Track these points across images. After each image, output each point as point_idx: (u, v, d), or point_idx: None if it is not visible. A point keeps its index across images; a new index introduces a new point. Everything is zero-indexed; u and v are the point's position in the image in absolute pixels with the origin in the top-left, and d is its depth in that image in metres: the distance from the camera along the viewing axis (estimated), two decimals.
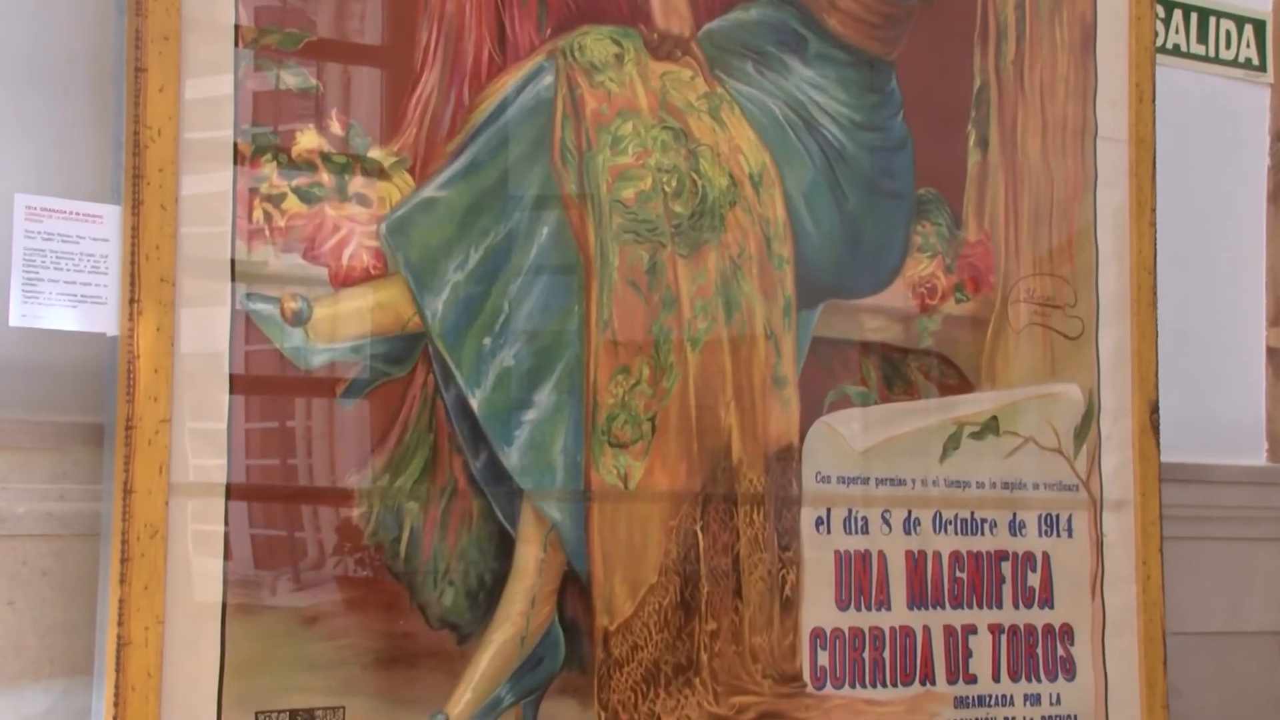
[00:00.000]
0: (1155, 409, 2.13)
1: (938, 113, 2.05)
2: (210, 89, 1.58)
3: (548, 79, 1.78)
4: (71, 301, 1.51)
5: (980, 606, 2.01)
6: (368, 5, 1.71)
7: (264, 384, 1.62)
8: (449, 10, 1.73)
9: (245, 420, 1.60)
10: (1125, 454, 2.11)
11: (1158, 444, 2.12)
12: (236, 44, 1.60)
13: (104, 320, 1.53)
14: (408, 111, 1.70)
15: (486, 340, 1.72)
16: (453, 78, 1.73)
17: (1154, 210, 2.15)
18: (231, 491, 1.57)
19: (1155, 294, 2.15)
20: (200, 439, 1.56)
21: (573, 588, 1.75)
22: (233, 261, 1.59)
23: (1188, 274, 2.36)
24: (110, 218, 1.53)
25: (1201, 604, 2.33)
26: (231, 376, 1.58)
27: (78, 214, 1.52)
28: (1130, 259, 2.14)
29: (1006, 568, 2.03)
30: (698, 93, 1.87)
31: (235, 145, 1.60)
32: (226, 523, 1.57)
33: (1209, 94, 2.43)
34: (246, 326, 1.60)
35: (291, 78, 1.63)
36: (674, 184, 1.84)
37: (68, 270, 1.51)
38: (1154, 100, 2.16)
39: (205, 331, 1.57)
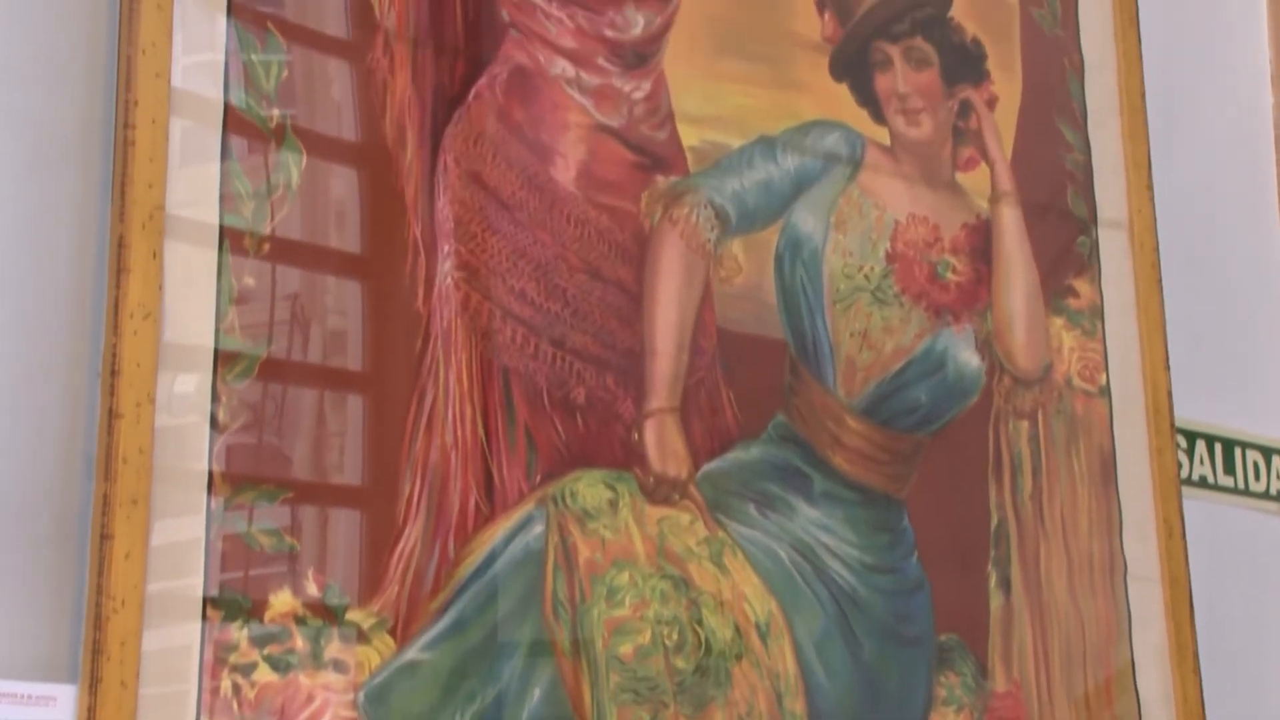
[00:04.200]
0: None
1: (955, 552, 2.07)
2: (178, 533, 1.59)
3: (538, 528, 1.80)
4: None
5: None
6: (347, 442, 1.75)
7: None
8: (434, 459, 1.76)
9: None
10: None
11: None
12: (209, 492, 1.62)
13: None
14: (389, 568, 1.71)
15: None
16: (437, 530, 1.75)
17: (1196, 654, 2.15)
18: None
19: None
20: None
21: None
22: None
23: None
24: (65, 699, 1.51)
25: None
26: None
27: (29, 697, 1.50)
28: (1175, 706, 2.12)
29: None
30: (697, 537, 1.89)
31: (204, 601, 1.59)
32: None
33: (1242, 528, 2.47)
34: None
35: (266, 537, 1.65)
36: (675, 637, 1.83)
37: None
38: (1184, 536, 2.19)
39: None
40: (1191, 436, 2.42)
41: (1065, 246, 2.27)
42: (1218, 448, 2.46)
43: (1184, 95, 2.53)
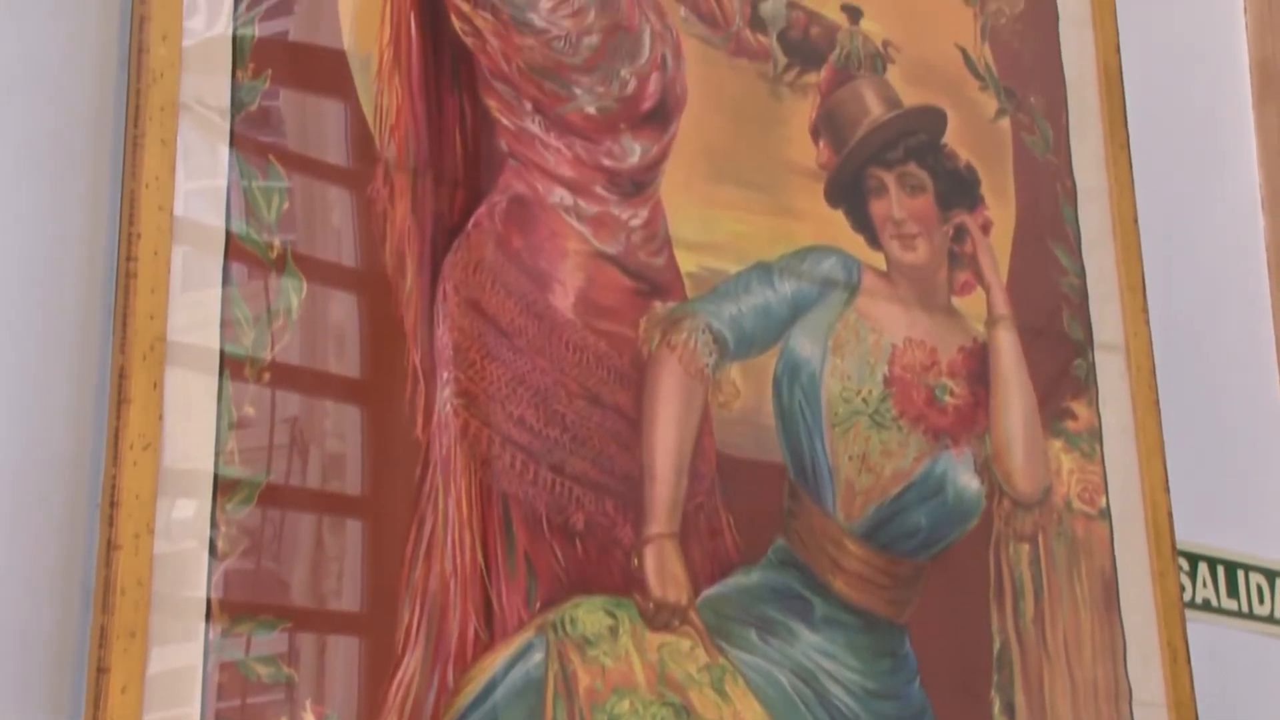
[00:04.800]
0: None
1: (957, 678, 2.06)
2: (175, 660, 1.58)
3: (537, 656, 1.80)
4: None
5: None
6: (345, 568, 1.74)
7: None
8: (433, 587, 1.76)
9: None
10: None
11: None
12: (207, 620, 1.61)
13: None
14: (388, 697, 1.70)
15: None
16: (436, 658, 1.74)
17: None
18: None
19: None
20: None
21: None
22: None
23: None
24: None
25: None
26: None
27: None
28: None
29: None
30: (698, 664, 1.88)
31: None
32: None
33: (1247, 651, 2.45)
34: None
35: (263, 667, 1.64)
36: None
37: None
38: (1189, 660, 2.18)
39: None
40: (1194, 559, 2.42)
41: (1062, 369, 2.28)
42: (1220, 570, 2.45)
43: (1178, 220, 2.56)
